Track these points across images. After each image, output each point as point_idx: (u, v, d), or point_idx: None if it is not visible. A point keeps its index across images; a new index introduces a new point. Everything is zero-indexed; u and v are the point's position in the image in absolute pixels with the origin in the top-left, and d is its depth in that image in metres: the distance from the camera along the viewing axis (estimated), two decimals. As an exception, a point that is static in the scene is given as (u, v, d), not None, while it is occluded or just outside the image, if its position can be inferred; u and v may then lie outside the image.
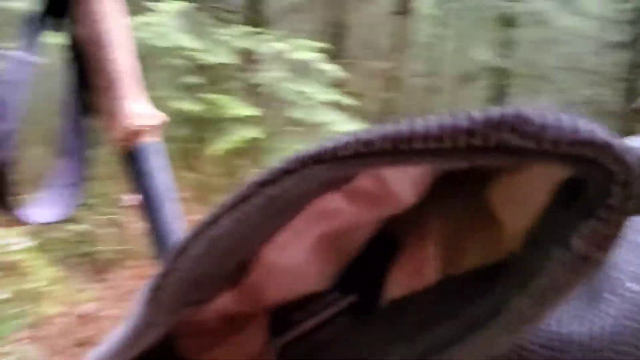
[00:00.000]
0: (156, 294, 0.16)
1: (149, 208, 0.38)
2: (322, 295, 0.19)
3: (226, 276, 0.17)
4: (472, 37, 6.32)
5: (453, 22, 6.35)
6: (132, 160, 0.38)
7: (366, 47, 5.73)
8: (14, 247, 2.98)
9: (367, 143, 0.13)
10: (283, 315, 0.19)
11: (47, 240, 3.49)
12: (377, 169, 0.16)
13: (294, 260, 0.18)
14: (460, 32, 6.25)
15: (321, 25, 5.35)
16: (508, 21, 5.78)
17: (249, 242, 0.17)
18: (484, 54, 5.91)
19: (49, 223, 0.37)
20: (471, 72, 6.21)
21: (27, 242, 3.06)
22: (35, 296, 2.97)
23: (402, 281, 0.19)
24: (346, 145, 0.13)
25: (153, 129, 0.38)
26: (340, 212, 0.17)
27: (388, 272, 0.19)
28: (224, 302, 0.18)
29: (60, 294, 3.01)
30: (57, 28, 0.39)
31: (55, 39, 0.39)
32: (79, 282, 3.29)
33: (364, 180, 0.17)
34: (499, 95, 5.98)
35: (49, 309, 2.90)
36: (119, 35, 0.38)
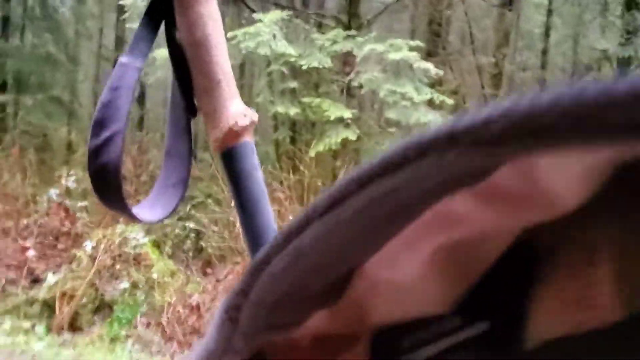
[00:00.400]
0: (232, 316, 0.13)
1: (245, 205, 0.38)
2: (440, 319, 0.15)
3: (320, 295, 0.14)
4: (587, 24, 5.78)
5: (564, 9, 5.86)
6: (230, 159, 0.39)
7: (468, 42, 5.50)
8: (133, 242, 3.30)
9: (532, 115, 0.08)
10: (390, 340, 0.15)
11: (160, 236, 3.82)
12: (542, 154, 0.10)
13: (406, 276, 0.15)
14: (573, 20, 5.75)
15: (419, 23, 5.23)
16: (634, 4, 5.19)
17: (346, 255, 0.13)
18: (601, 43, 5.38)
19: (156, 221, 0.39)
20: (587, 63, 5.68)
21: (144, 238, 3.38)
22: (150, 286, 3.26)
23: (558, 313, 0.14)
24: (497, 118, 0.08)
25: (250, 128, 0.39)
26: (468, 217, 0.13)
27: (534, 297, 0.15)
28: (319, 320, 0.15)
29: (172, 285, 3.27)
30: (165, 33, 0.40)
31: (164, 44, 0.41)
32: (188, 275, 3.56)
33: (506, 174, 0.12)
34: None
35: (162, 298, 3.17)
36: (220, 38, 0.39)
